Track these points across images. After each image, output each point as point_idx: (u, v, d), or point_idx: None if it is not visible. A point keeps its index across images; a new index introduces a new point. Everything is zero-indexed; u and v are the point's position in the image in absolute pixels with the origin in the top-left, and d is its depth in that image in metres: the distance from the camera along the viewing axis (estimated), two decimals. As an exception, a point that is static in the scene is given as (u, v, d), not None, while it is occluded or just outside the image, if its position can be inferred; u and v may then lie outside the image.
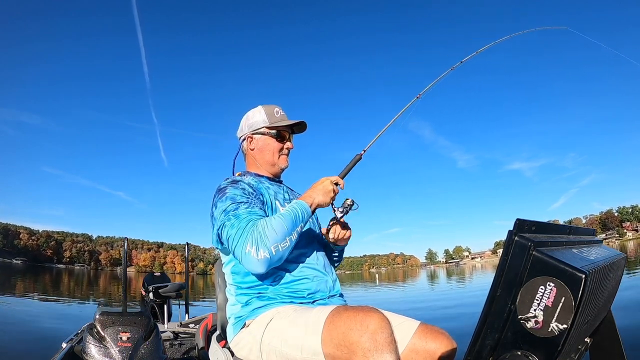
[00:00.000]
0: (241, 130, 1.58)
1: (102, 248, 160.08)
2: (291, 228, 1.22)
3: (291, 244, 1.22)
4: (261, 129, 1.53)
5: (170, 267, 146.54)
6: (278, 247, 1.19)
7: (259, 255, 1.17)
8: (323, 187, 1.36)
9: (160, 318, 4.80)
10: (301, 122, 1.58)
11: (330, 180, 1.38)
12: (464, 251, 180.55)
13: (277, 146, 1.54)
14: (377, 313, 1.00)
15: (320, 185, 1.37)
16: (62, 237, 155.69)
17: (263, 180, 1.51)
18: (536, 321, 0.70)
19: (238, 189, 1.34)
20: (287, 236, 1.21)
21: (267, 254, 1.17)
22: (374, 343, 0.94)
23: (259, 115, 1.55)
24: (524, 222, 0.78)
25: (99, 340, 2.45)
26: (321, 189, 1.36)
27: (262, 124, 1.53)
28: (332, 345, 1.01)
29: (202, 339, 1.62)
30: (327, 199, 1.35)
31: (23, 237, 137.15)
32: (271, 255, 1.18)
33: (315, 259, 1.41)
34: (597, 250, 1.04)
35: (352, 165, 1.50)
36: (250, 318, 1.28)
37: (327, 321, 1.05)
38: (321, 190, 1.35)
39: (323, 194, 1.35)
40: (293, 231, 1.23)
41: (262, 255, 1.17)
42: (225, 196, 1.31)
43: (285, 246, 1.21)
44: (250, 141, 1.55)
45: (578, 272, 0.68)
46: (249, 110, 1.59)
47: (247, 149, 1.57)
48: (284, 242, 1.20)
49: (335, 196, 1.39)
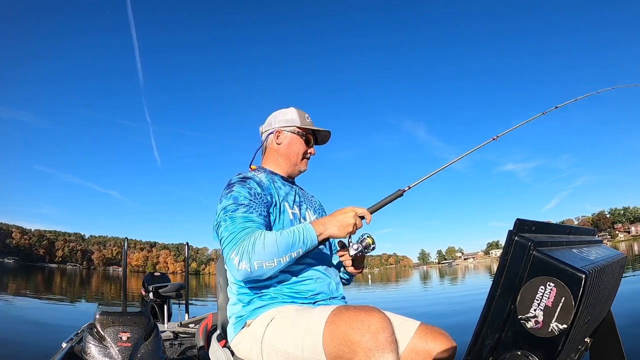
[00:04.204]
0: (269, 124, 1.57)
1: (95, 247, 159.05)
2: (284, 250, 1.18)
3: (279, 265, 1.18)
4: (292, 127, 1.54)
5: (163, 267, 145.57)
6: (262, 264, 1.16)
7: (240, 265, 1.16)
8: (343, 220, 1.26)
9: (160, 318, 4.80)
10: (328, 132, 1.60)
11: (355, 213, 1.28)
12: (457, 252, 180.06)
13: (303, 148, 1.54)
14: (378, 313, 1.00)
15: (341, 216, 1.27)
16: (55, 236, 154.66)
17: (276, 179, 1.50)
18: (536, 321, 0.70)
19: (245, 188, 1.32)
20: (276, 257, 1.17)
21: (248, 267, 1.15)
22: (375, 343, 0.94)
23: (291, 114, 1.55)
24: (524, 222, 0.78)
25: (99, 340, 2.45)
26: (339, 222, 1.26)
27: (293, 122, 1.54)
28: (334, 345, 1.01)
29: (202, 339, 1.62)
30: (342, 233, 1.26)
31: (15, 236, 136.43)
32: (252, 269, 1.16)
33: (320, 260, 1.40)
34: (597, 250, 1.04)
35: (390, 200, 1.38)
36: (251, 317, 1.28)
37: (328, 321, 1.05)
38: (339, 223, 1.26)
39: (340, 227, 1.25)
40: (286, 254, 1.18)
41: (242, 266, 1.16)
42: (230, 194, 1.30)
43: (271, 266, 1.17)
44: (278, 136, 1.54)
45: (578, 272, 0.68)
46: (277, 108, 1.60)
47: (271, 143, 1.55)
48: (269, 262, 1.16)
49: (355, 230, 1.28)
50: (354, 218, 1.26)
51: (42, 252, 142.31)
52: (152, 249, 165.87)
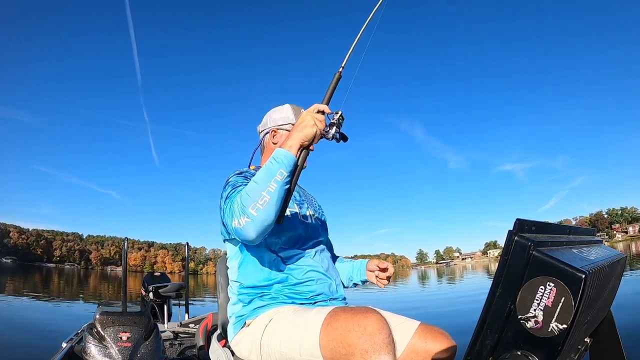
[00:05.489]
0: (265, 124, 1.56)
1: (93, 247, 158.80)
2: (265, 180, 1.14)
3: (273, 197, 1.13)
4: (287, 125, 1.52)
5: (161, 267, 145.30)
6: (256, 206, 1.12)
7: (240, 223, 1.13)
8: (302, 124, 1.21)
9: (160, 318, 4.80)
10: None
11: (308, 112, 1.23)
12: (455, 252, 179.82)
13: None
14: (374, 314, 1.00)
15: (300, 120, 1.22)
16: (52, 235, 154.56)
17: None
18: (536, 321, 0.70)
19: (240, 177, 1.34)
20: (262, 190, 1.13)
21: (247, 219, 1.12)
22: (372, 344, 0.94)
23: (286, 112, 1.54)
24: (524, 222, 0.78)
25: (99, 340, 2.45)
26: (300, 126, 1.21)
27: (288, 120, 1.52)
28: (331, 347, 1.01)
29: (202, 339, 1.62)
30: (309, 132, 1.19)
31: (13, 235, 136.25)
32: (252, 217, 1.12)
33: (320, 261, 1.40)
34: (597, 250, 1.04)
35: (334, 86, 1.32)
36: (251, 318, 1.28)
37: (325, 322, 1.05)
38: (300, 128, 1.21)
39: (302, 129, 1.20)
40: (269, 182, 1.13)
41: (243, 222, 1.13)
42: (228, 184, 1.32)
43: (265, 202, 1.12)
44: (274, 135, 1.53)
45: (578, 272, 0.68)
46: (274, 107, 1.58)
47: (268, 143, 1.54)
48: (261, 200, 1.12)
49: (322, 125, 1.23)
50: (311, 117, 1.21)
51: (39, 251, 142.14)
52: (150, 249, 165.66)
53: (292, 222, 1.39)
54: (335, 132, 1.24)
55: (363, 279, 1.59)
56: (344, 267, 1.64)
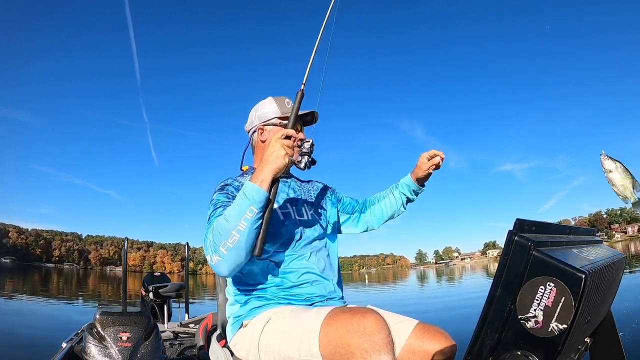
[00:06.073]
0: (251, 122, 1.52)
1: (92, 247, 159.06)
2: (235, 218, 1.12)
3: (243, 235, 1.11)
4: (272, 119, 1.46)
5: (160, 267, 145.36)
6: (226, 244, 1.12)
7: (213, 261, 1.14)
8: (271, 154, 1.16)
9: (160, 318, 4.80)
10: (312, 113, 1.46)
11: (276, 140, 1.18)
12: (454, 252, 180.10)
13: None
14: (373, 314, 0.99)
15: (269, 151, 1.17)
16: (52, 235, 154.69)
17: None
18: (536, 321, 0.70)
19: (222, 194, 1.31)
20: (232, 229, 1.11)
21: (218, 257, 1.13)
22: (372, 344, 0.94)
23: (269, 106, 1.48)
24: (524, 222, 0.78)
25: (99, 340, 2.45)
26: (269, 158, 1.16)
27: (273, 114, 1.47)
28: (330, 347, 1.00)
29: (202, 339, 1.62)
30: (280, 162, 1.15)
31: (12, 235, 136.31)
32: (223, 256, 1.12)
33: (315, 262, 1.37)
34: (597, 250, 1.04)
35: (297, 107, 1.28)
36: (248, 318, 1.28)
37: (324, 323, 1.04)
38: (269, 159, 1.16)
39: (273, 161, 1.15)
40: (239, 220, 1.11)
41: (215, 260, 1.13)
42: (211, 202, 1.30)
43: (235, 240, 1.11)
44: (261, 133, 1.48)
45: (578, 272, 0.68)
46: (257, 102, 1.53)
47: (257, 142, 1.50)
48: (230, 238, 1.11)
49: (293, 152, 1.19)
50: (280, 145, 1.17)
51: (39, 251, 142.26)
52: (149, 249, 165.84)
53: (285, 226, 1.36)
54: (307, 161, 1.24)
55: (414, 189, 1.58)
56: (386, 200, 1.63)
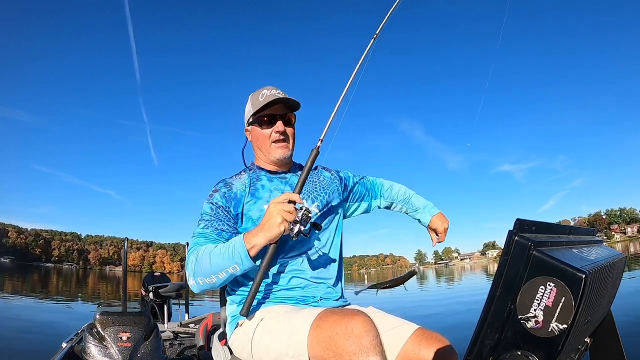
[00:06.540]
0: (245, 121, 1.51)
1: (91, 247, 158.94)
2: (217, 269, 1.18)
3: (218, 281, 1.20)
4: (249, 118, 1.43)
5: (159, 267, 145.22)
6: (204, 280, 1.21)
7: (190, 281, 1.25)
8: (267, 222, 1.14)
9: (160, 318, 4.80)
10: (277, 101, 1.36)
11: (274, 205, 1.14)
12: (453, 252, 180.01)
13: (264, 134, 1.40)
14: (361, 316, 0.99)
15: (266, 217, 1.15)
16: (51, 235, 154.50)
17: (262, 175, 1.43)
18: (536, 321, 0.70)
19: (209, 204, 1.34)
20: (213, 274, 1.20)
21: (194, 282, 1.23)
22: (359, 347, 0.94)
23: (248, 104, 1.45)
24: (524, 222, 0.78)
25: (99, 340, 2.45)
26: (264, 226, 1.14)
27: (248, 114, 1.44)
28: (319, 349, 1.00)
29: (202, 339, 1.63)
30: (274, 232, 1.13)
31: (11, 235, 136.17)
32: (198, 284, 1.23)
33: (307, 267, 1.35)
34: (597, 250, 1.04)
35: (310, 165, 1.24)
36: (243, 317, 1.28)
37: (313, 324, 1.04)
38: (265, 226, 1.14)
39: (268, 229, 1.13)
40: (220, 272, 1.18)
41: (191, 282, 1.24)
42: (201, 213, 1.36)
43: (211, 281, 1.21)
44: (248, 133, 1.48)
45: (578, 272, 0.68)
46: None
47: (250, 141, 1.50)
48: (209, 278, 1.20)
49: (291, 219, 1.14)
50: (278, 211, 1.12)
51: (38, 251, 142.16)
52: (149, 249, 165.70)
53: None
54: (299, 230, 1.14)
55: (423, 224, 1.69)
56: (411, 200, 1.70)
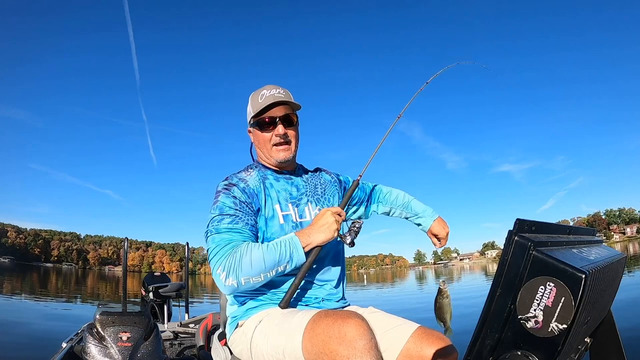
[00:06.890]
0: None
1: (90, 247, 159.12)
2: (270, 266, 1.17)
3: (265, 279, 1.19)
4: (250, 120, 1.41)
5: (159, 267, 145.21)
6: (249, 280, 1.16)
7: (227, 281, 1.16)
8: (325, 224, 1.24)
9: (160, 318, 4.79)
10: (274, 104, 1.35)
11: (331, 212, 1.26)
12: (453, 252, 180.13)
13: (265, 137, 1.38)
14: (355, 319, 0.98)
15: (322, 220, 1.25)
16: (50, 235, 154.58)
17: (268, 174, 1.42)
18: (536, 321, 0.70)
19: (229, 198, 1.28)
20: (263, 273, 1.17)
21: (235, 283, 1.16)
22: (353, 351, 0.93)
23: (249, 107, 1.42)
24: (524, 222, 0.78)
25: (99, 340, 2.44)
26: (322, 226, 1.24)
27: (249, 115, 1.42)
28: (314, 352, 1.00)
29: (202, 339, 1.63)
30: (329, 235, 1.24)
31: (10, 235, 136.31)
32: (239, 285, 1.16)
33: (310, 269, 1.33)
34: (597, 250, 1.04)
35: (351, 193, 1.42)
36: (243, 318, 1.29)
37: (307, 328, 1.04)
38: (322, 228, 1.24)
39: (325, 230, 1.24)
40: (272, 269, 1.18)
41: (229, 282, 1.16)
42: (216, 204, 1.28)
43: (258, 281, 1.18)
44: (251, 134, 1.46)
45: (578, 272, 0.68)
46: None
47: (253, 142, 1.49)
48: (256, 277, 1.17)
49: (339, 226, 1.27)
50: (333, 216, 1.25)
51: (37, 251, 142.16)
52: (148, 249, 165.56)
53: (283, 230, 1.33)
54: (352, 240, 1.31)
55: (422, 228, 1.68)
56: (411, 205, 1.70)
